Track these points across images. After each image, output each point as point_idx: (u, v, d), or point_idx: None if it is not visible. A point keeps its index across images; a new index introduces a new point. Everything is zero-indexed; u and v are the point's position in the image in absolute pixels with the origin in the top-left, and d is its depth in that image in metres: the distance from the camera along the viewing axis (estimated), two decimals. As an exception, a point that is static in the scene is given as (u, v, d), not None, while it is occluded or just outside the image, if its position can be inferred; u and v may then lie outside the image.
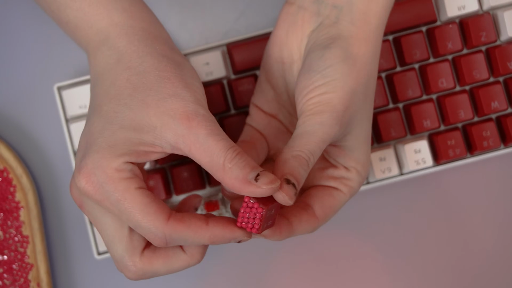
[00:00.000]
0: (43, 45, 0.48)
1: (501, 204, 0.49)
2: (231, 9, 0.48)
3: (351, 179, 0.38)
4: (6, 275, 0.46)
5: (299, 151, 0.34)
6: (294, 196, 0.33)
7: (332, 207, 0.38)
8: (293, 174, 0.33)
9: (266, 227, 0.34)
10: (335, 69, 0.35)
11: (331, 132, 0.34)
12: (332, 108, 0.35)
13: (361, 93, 0.36)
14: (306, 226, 0.36)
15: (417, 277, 0.48)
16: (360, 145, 0.37)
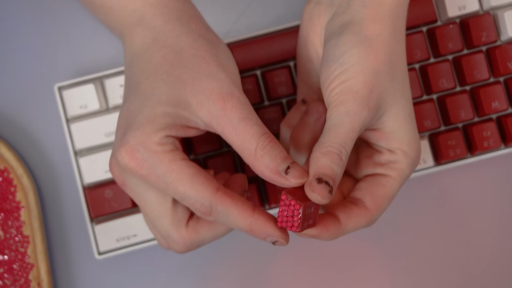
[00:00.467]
0: (43, 45, 0.48)
1: (501, 204, 0.49)
2: (232, 9, 0.48)
3: (399, 162, 0.36)
4: (6, 275, 0.46)
5: (329, 146, 0.33)
6: (328, 194, 0.32)
7: (384, 196, 0.36)
8: (324, 172, 0.32)
9: (307, 226, 0.33)
10: (351, 54, 0.35)
11: (359, 119, 0.33)
12: (355, 94, 0.34)
13: (386, 73, 0.35)
14: (357, 220, 0.35)
15: (417, 277, 0.48)
16: (401, 124, 0.36)
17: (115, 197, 0.44)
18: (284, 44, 0.45)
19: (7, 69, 0.48)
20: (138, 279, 0.48)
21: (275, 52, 0.45)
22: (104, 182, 0.45)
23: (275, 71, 0.45)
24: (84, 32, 0.48)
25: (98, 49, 0.48)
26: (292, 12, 0.48)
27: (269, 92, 0.45)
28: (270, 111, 0.45)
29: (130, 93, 0.35)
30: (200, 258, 0.48)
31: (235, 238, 0.48)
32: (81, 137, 0.44)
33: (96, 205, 0.44)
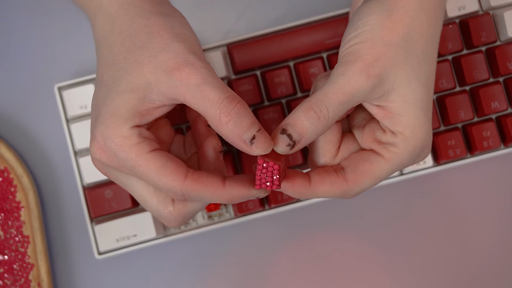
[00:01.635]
0: (43, 45, 0.48)
1: (501, 204, 0.49)
2: (232, 9, 0.48)
3: (397, 145, 0.34)
4: (6, 275, 0.46)
5: (312, 102, 0.32)
6: (285, 147, 0.32)
7: (366, 172, 0.35)
8: (293, 124, 0.32)
9: (283, 179, 0.33)
10: (367, 20, 0.34)
11: (354, 82, 0.32)
12: (358, 57, 0.33)
13: (400, 47, 0.33)
14: (330, 187, 0.34)
15: (417, 276, 0.48)
16: (410, 108, 0.34)
17: (115, 197, 0.44)
18: (284, 44, 0.45)
19: (7, 69, 0.48)
20: (138, 279, 0.48)
21: (275, 52, 0.45)
22: (104, 182, 0.45)
23: (275, 71, 0.45)
24: (84, 32, 0.48)
25: (98, 49, 0.48)
26: (292, 12, 0.48)
27: (269, 92, 0.45)
28: (270, 111, 0.45)
29: (97, 85, 0.35)
30: (200, 258, 0.48)
31: (235, 238, 0.48)
32: (81, 137, 0.44)
33: (96, 205, 0.44)
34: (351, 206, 0.48)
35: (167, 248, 0.48)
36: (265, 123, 0.45)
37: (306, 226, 0.48)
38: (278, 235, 0.48)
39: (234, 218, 0.45)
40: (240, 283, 0.48)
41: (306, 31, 0.45)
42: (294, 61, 0.46)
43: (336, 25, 0.45)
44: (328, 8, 0.48)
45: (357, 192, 0.35)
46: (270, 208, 0.45)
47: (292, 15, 0.48)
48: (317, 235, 0.48)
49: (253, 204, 0.44)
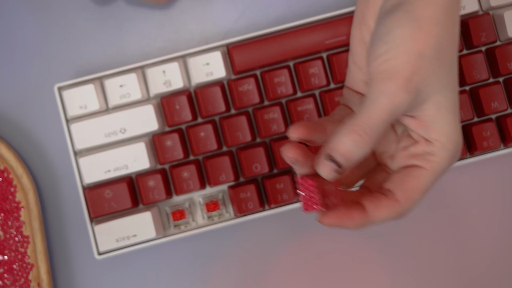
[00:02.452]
0: (43, 46, 0.48)
1: (501, 204, 0.49)
2: (231, 9, 0.48)
3: (435, 154, 0.35)
4: (6, 275, 0.46)
5: (356, 125, 0.32)
6: (333, 173, 0.32)
7: (415, 188, 0.35)
8: (340, 151, 0.32)
9: (332, 205, 0.33)
10: (397, 33, 0.33)
11: (396, 100, 0.32)
12: (396, 74, 0.33)
13: (432, 57, 0.33)
14: (385, 212, 0.34)
15: (416, 277, 0.48)
16: (443, 114, 0.34)
17: (115, 197, 0.44)
18: (284, 45, 0.45)
19: (7, 69, 0.48)
20: (138, 279, 0.48)
21: (275, 52, 0.45)
22: (104, 182, 0.45)
23: (275, 71, 0.45)
24: (84, 33, 0.48)
25: (98, 49, 0.48)
26: (291, 12, 0.48)
27: (269, 92, 0.45)
28: (270, 111, 0.45)
29: None
30: (200, 258, 0.48)
31: (235, 238, 0.48)
32: (81, 137, 0.44)
33: (96, 205, 0.44)
34: (351, 206, 0.48)
35: (167, 248, 0.48)
36: (265, 123, 0.45)
37: (306, 226, 0.48)
38: (278, 235, 0.48)
39: (234, 218, 0.45)
40: (240, 283, 0.48)
41: (306, 31, 0.45)
42: (294, 61, 0.46)
43: (336, 25, 0.45)
44: (328, 8, 0.48)
45: (409, 210, 0.35)
46: (270, 208, 0.45)
47: (292, 15, 0.48)
48: (317, 235, 0.48)
49: (253, 204, 0.44)
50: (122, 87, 0.44)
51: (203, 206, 0.45)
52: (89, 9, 0.48)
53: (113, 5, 0.48)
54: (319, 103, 0.46)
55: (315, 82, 0.45)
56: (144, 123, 0.44)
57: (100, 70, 0.48)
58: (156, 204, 0.45)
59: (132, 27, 0.48)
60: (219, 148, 0.45)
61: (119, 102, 0.45)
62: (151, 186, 0.44)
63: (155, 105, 0.45)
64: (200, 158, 0.45)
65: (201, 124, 0.45)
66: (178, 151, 0.44)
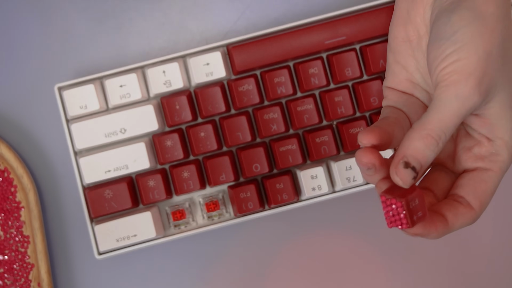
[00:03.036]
0: (43, 46, 0.48)
1: (501, 204, 0.49)
2: (231, 10, 0.49)
3: (500, 154, 0.34)
4: (7, 275, 0.46)
5: (429, 129, 0.32)
6: (412, 180, 0.32)
7: (487, 192, 0.35)
8: (415, 156, 0.32)
9: (418, 219, 0.33)
10: (464, 32, 0.33)
11: (469, 104, 0.32)
12: (468, 76, 0.32)
13: (498, 55, 0.33)
14: (463, 219, 0.35)
15: (416, 277, 0.48)
16: (506, 111, 0.34)
17: (115, 197, 0.44)
18: (284, 45, 0.45)
19: (8, 69, 0.48)
20: (138, 279, 0.48)
21: (275, 52, 0.45)
22: (104, 182, 0.45)
23: (275, 72, 0.45)
24: (84, 33, 0.48)
25: (98, 49, 0.48)
26: (291, 13, 0.48)
27: (269, 93, 0.45)
28: (270, 111, 0.45)
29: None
30: (200, 258, 0.48)
31: (235, 238, 0.48)
32: (81, 137, 0.44)
33: (96, 205, 0.44)
34: (351, 206, 0.48)
35: (167, 248, 0.48)
36: (265, 123, 0.45)
37: (306, 226, 0.48)
38: (278, 235, 0.48)
39: (234, 218, 0.45)
40: (240, 283, 0.48)
41: (306, 32, 0.45)
42: (294, 61, 0.46)
43: (336, 25, 0.45)
44: (328, 8, 0.48)
45: (481, 213, 0.35)
46: (270, 208, 0.45)
47: (291, 15, 0.48)
48: (317, 235, 0.48)
49: (253, 204, 0.44)
50: (122, 87, 0.45)
51: (203, 206, 0.45)
52: (89, 9, 0.48)
53: (113, 5, 0.48)
54: (319, 103, 0.46)
55: (315, 82, 0.45)
56: (144, 123, 0.44)
57: (100, 70, 0.48)
58: (156, 204, 0.45)
59: (132, 27, 0.48)
60: (219, 148, 0.45)
61: (119, 102, 0.45)
62: (151, 186, 0.44)
63: (155, 105, 0.45)
64: (200, 158, 0.46)
65: (201, 124, 0.45)
66: (178, 151, 0.44)
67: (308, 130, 0.45)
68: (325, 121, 0.46)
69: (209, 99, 0.45)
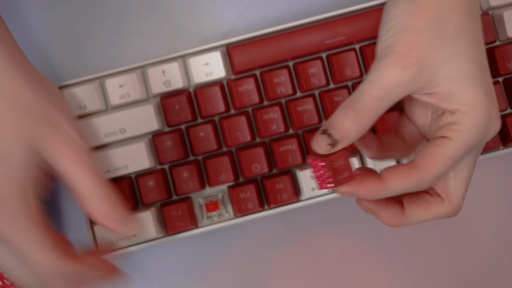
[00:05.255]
0: (43, 45, 0.48)
1: (501, 204, 0.49)
2: (231, 9, 0.49)
3: (459, 123, 0.34)
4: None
5: (350, 100, 0.33)
6: (326, 146, 0.33)
7: (435, 154, 0.34)
8: (334, 125, 0.33)
9: (345, 179, 0.34)
10: (395, 13, 0.34)
11: (388, 76, 0.33)
12: (390, 51, 0.33)
13: (431, 30, 0.33)
14: (403, 179, 0.34)
15: (416, 277, 0.48)
16: (458, 85, 0.33)
17: (114, 197, 0.44)
18: (284, 45, 0.45)
19: (7, 69, 0.48)
20: (137, 279, 0.48)
21: (275, 52, 0.45)
22: (103, 182, 0.45)
23: (275, 71, 0.45)
24: (84, 33, 0.48)
25: (98, 49, 0.48)
26: (291, 13, 0.48)
27: (268, 93, 0.45)
28: (269, 111, 0.45)
29: None
30: (200, 258, 0.48)
31: (235, 238, 0.48)
32: (81, 137, 0.44)
33: (95, 205, 0.44)
34: (351, 206, 0.48)
35: (167, 248, 0.48)
36: (265, 123, 0.45)
37: (306, 226, 0.48)
38: (278, 235, 0.48)
39: (233, 218, 0.45)
40: (240, 283, 0.48)
41: (306, 31, 0.45)
42: (294, 61, 0.46)
43: (336, 25, 0.45)
44: (328, 8, 0.48)
45: (431, 178, 0.34)
46: (270, 208, 0.45)
47: (291, 15, 0.48)
48: (317, 235, 0.48)
49: (253, 204, 0.44)
50: (121, 87, 0.45)
51: (203, 206, 0.45)
52: (89, 9, 0.48)
53: (113, 4, 0.48)
54: (318, 103, 0.46)
55: (314, 82, 0.45)
56: (144, 123, 0.44)
57: (100, 70, 0.48)
58: (156, 204, 0.45)
59: (132, 27, 0.48)
60: (219, 148, 0.45)
61: (119, 102, 0.45)
62: (151, 186, 0.44)
63: (155, 105, 0.45)
64: (199, 158, 0.46)
65: (200, 124, 0.45)
66: (177, 151, 0.44)
67: (308, 130, 0.45)
68: (325, 121, 0.46)
69: (208, 99, 0.45)
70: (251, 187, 0.44)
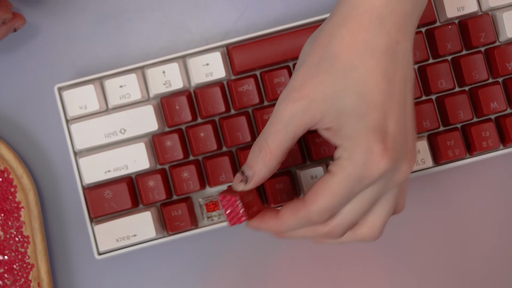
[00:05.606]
0: (43, 46, 0.48)
1: (501, 204, 0.49)
2: (231, 10, 0.49)
3: (340, 157, 0.35)
4: (6, 275, 0.46)
5: (260, 137, 0.36)
6: (240, 183, 0.37)
7: (319, 188, 0.35)
8: (247, 163, 0.37)
9: (254, 213, 0.37)
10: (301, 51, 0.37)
11: (284, 109, 0.35)
12: (287, 86, 0.36)
13: (319, 65, 0.35)
14: (293, 212, 0.36)
15: (416, 277, 0.48)
16: (344, 119, 0.34)
17: (114, 197, 0.44)
18: (284, 45, 0.45)
19: (8, 69, 0.48)
20: (138, 279, 0.48)
21: (275, 52, 0.45)
22: (103, 182, 0.45)
23: (275, 72, 0.45)
24: (84, 33, 0.48)
25: (98, 49, 0.48)
26: (291, 13, 0.48)
27: (268, 93, 0.45)
28: (269, 112, 0.45)
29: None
30: (200, 258, 0.48)
31: (235, 238, 0.48)
32: (81, 137, 0.44)
33: (95, 205, 0.44)
34: (350, 206, 0.48)
35: (167, 248, 0.48)
36: (265, 124, 0.45)
37: (306, 226, 0.48)
38: (278, 235, 0.48)
39: (233, 218, 0.45)
40: (240, 283, 0.48)
41: (306, 32, 0.45)
42: (294, 61, 0.46)
43: (336, 26, 0.45)
44: (327, 8, 0.48)
45: (318, 213, 0.35)
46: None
47: (291, 15, 0.48)
48: (316, 235, 0.48)
49: (253, 204, 0.44)
50: (122, 88, 0.45)
51: (203, 206, 0.45)
52: (89, 9, 0.48)
53: (113, 5, 0.48)
54: (318, 104, 0.46)
55: (314, 82, 0.45)
56: (144, 124, 0.44)
57: (100, 70, 0.48)
58: (156, 204, 0.46)
59: (132, 27, 0.48)
60: (219, 148, 0.45)
61: (119, 102, 0.45)
62: (151, 186, 0.44)
63: (155, 106, 0.45)
64: (200, 158, 0.46)
65: (201, 125, 0.45)
66: (178, 151, 0.44)
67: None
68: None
69: (209, 99, 0.45)
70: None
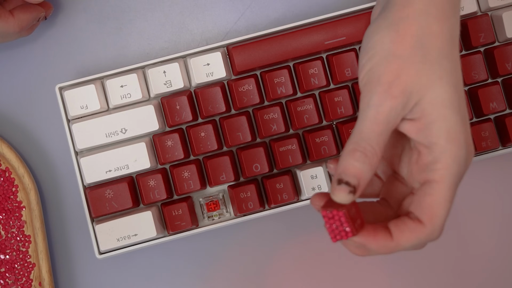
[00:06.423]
0: (44, 46, 0.48)
1: (500, 204, 0.49)
2: (232, 10, 0.49)
3: (439, 160, 0.33)
4: (8, 274, 0.46)
5: (353, 143, 0.32)
6: (348, 195, 0.32)
7: (433, 205, 0.33)
8: (347, 172, 0.32)
9: (359, 226, 0.33)
10: (376, 40, 0.34)
11: (382, 110, 0.32)
12: (377, 82, 0.33)
13: (414, 55, 0.33)
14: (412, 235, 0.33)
15: (416, 278, 0.49)
16: (439, 111, 0.33)
17: (115, 197, 0.44)
18: (284, 45, 0.45)
19: (9, 69, 0.48)
20: (138, 279, 0.48)
21: (275, 53, 0.45)
22: (104, 182, 0.45)
23: (275, 72, 0.45)
24: (85, 33, 0.48)
25: (99, 49, 0.48)
26: (292, 13, 0.49)
27: (269, 93, 0.45)
28: (270, 112, 0.45)
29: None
30: (200, 257, 0.48)
31: (235, 238, 0.48)
32: (82, 137, 0.44)
33: (96, 204, 0.44)
34: (350, 206, 0.48)
35: (167, 247, 0.48)
36: (265, 124, 0.45)
37: (306, 226, 0.48)
38: (278, 234, 0.48)
39: (234, 218, 0.45)
40: (240, 282, 0.48)
41: (306, 32, 0.45)
42: (294, 61, 0.46)
43: (336, 26, 0.45)
44: (328, 9, 0.48)
45: (440, 228, 0.33)
46: (270, 208, 0.45)
47: (291, 15, 0.49)
48: (316, 234, 0.48)
49: (253, 204, 0.44)
50: (123, 87, 0.45)
51: (204, 205, 0.45)
52: (90, 10, 0.48)
53: (114, 5, 0.48)
54: (318, 104, 0.46)
55: (315, 82, 0.45)
56: (145, 123, 0.45)
57: (101, 70, 0.48)
58: (156, 204, 0.46)
59: (133, 27, 0.48)
60: (220, 148, 0.45)
61: (120, 102, 0.45)
62: (151, 186, 0.44)
63: (156, 105, 0.45)
64: (200, 158, 0.46)
65: (201, 124, 0.45)
66: (178, 151, 0.45)
67: (308, 130, 0.46)
68: (325, 121, 0.46)
69: (209, 99, 0.45)
70: (251, 187, 0.44)
